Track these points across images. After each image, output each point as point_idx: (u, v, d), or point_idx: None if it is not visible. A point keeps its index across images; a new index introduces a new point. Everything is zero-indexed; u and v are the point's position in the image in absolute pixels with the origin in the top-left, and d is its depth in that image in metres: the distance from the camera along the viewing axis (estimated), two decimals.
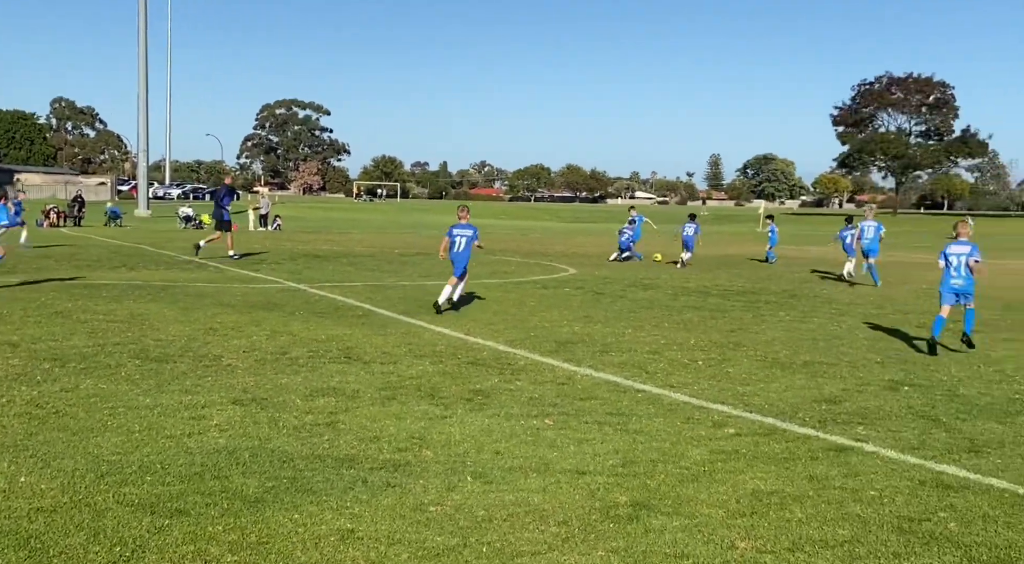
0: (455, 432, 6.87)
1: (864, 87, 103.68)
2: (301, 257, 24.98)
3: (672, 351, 10.73)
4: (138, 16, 58.97)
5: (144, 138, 60.56)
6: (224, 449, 6.22)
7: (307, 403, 7.65)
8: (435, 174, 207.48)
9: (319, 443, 6.48)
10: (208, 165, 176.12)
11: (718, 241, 41.17)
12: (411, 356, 10.03)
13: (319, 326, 12.01)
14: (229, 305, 13.85)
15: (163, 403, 7.43)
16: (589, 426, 7.13)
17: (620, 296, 16.71)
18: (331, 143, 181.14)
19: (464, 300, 15.34)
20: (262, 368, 9.08)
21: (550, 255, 29.00)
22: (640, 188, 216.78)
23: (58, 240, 30.88)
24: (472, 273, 21.17)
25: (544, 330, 12.24)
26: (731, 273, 22.75)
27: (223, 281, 17.71)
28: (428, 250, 29.82)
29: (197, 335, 10.94)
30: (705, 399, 8.17)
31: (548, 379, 8.97)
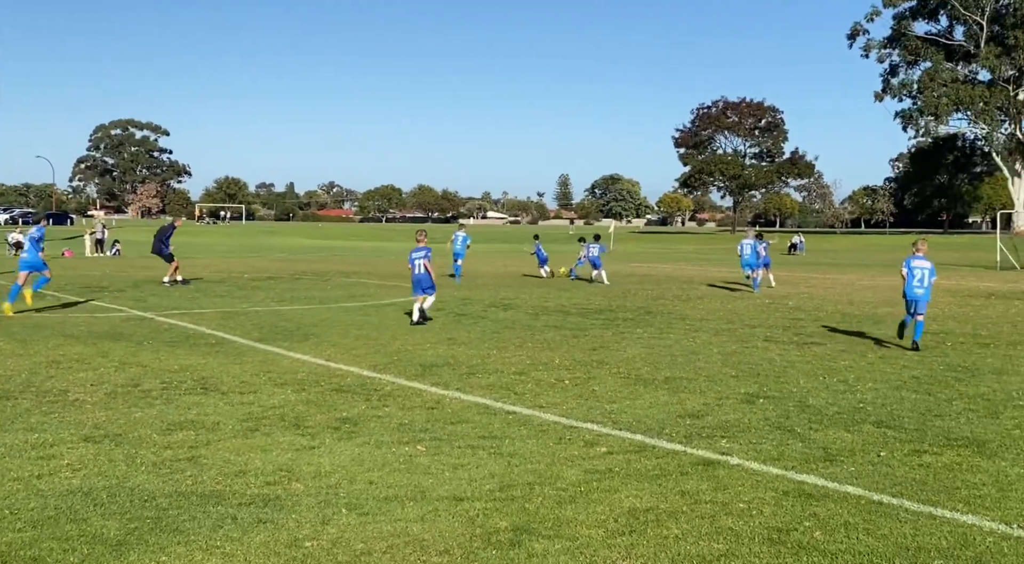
0: (325, 463, 6.69)
1: (702, 110, 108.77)
2: (145, 283, 23.88)
3: (538, 371, 10.83)
4: None
5: None
6: (79, 490, 5.83)
7: (165, 438, 7.29)
8: (281, 195, 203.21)
9: (182, 479, 6.17)
10: (38, 188, 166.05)
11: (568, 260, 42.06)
12: (271, 385, 9.73)
13: (171, 356, 11.48)
14: (72, 336, 13.06)
15: (6, 443, 6.91)
16: (463, 450, 7.09)
17: (481, 317, 16.77)
18: (171, 164, 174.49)
19: (323, 324, 15.04)
20: (113, 402, 8.59)
21: (406, 276, 28.81)
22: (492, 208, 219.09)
23: None
24: (329, 296, 20.84)
25: (408, 353, 12.13)
26: (587, 292, 23.25)
27: (63, 310, 16.67)
28: (279, 274, 29.09)
29: (39, 369, 10.24)
30: (575, 418, 8.28)
31: (416, 404, 8.88)
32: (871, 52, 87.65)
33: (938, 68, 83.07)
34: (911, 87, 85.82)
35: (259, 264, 35.45)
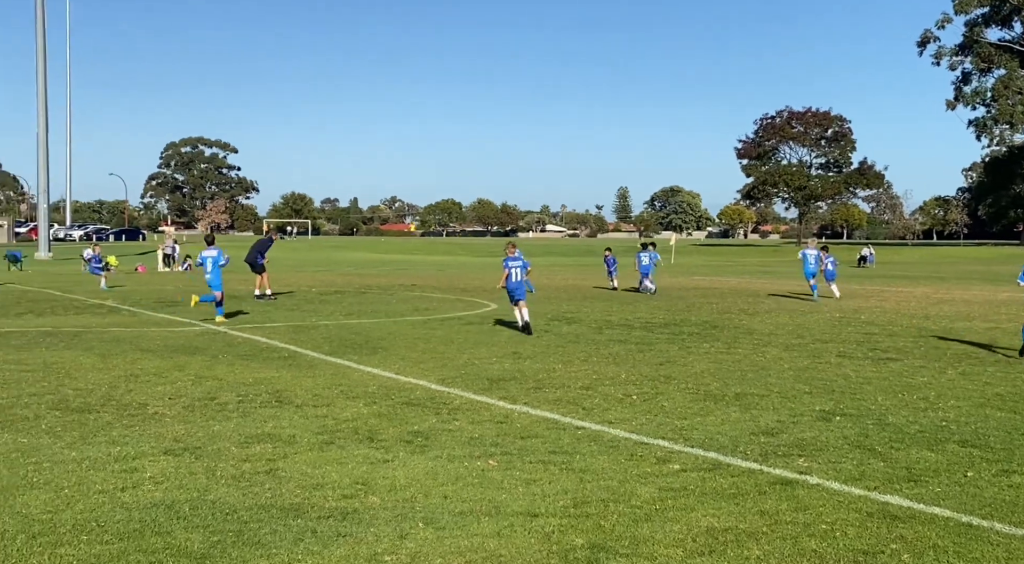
0: (399, 476, 6.74)
1: (766, 121, 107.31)
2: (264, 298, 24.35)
3: (605, 386, 10.77)
4: (36, 53, 57.23)
5: (44, 178, 58.53)
6: (162, 503, 5.95)
7: (243, 450, 7.41)
8: (346, 210, 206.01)
9: (261, 492, 6.27)
10: (111, 205, 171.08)
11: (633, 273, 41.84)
12: (344, 398, 9.84)
13: (245, 369, 11.69)
14: (149, 350, 13.39)
15: (91, 456, 7.09)
16: (534, 466, 7.08)
17: (545, 330, 16.75)
18: (239, 181, 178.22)
19: (390, 338, 15.18)
20: (191, 415, 8.77)
21: (469, 290, 28.96)
22: (550, 221, 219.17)
23: None
24: (394, 310, 21.04)
25: (475, 367, 12.17)
26: (650, 305, 23.08)
27: (139, 325, 17.12)
28: (345, 288, 29.47)
29: (118, 383, 10.52)
30: (645, 435, 8.20)
31: (486, 418, 8.89)
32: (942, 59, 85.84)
33: (1012, 76, 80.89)
34: (984, 95, 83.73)
35: (326, 278, 35.96)
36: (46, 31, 57.52)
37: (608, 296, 26.86)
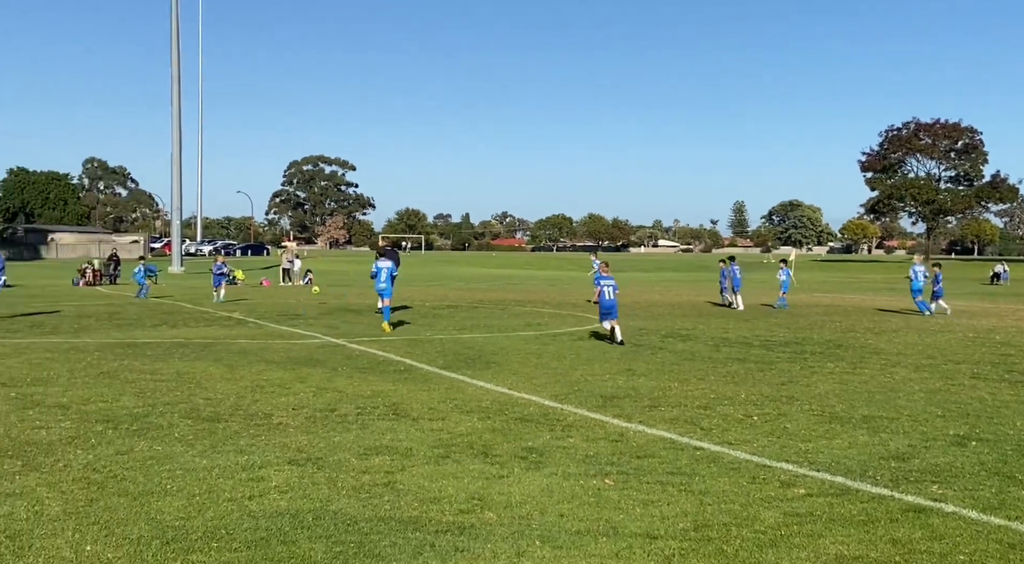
0: (515, 492, 6.72)
1: (892, 133, 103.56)
2: (336, 311, 25.02)
3: (724, 406, 10.53)
4: (171, 79, 60.31)
5: (177, 196, 61.49)
6: (286, 512, 6.11)
7: (363, 462, 7.55)
8: (458, 226, 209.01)
9: (380, 504, 6.36)
10: (238, 221, 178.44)
11: (748, 289, 40.93)
12: (458, 412, 9.92)
13: (363, 382, 11.94)
14: (273, 361, 13.84)
15: (220, 464, 7.35)
16: (652, 486, 6.96)
17: (659, 347, 16.53)
18: (356, 197, 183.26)
19: (503, 353, 15.25)
20: (313, 426, 8.99)
21: (581, 306, 28.85)
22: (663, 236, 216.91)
23: (96, 299, 31.18)
24: (507, 325, 21.14)
25: (588, 384, 12.09)
26: (768, 322, 22.49)
27: (264, 337, 17.73)
28: (458, 303, 29.81)
29: (245, 393, 10.90)
30: (767, 457, 7.96)
31: (600, 436, 8.81)
32: None
33: None
34: None
35: (438, 292, 36.49)
36: (180, 58, 60.59)
37: (724, 313, 26.32)
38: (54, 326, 19.51)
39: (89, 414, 9.37)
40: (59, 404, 9.92)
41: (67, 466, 7.19)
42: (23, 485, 6.60)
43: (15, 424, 8.79)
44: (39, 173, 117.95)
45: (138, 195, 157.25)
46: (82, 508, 6.08)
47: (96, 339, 16.87)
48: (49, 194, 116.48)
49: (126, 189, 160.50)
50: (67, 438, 8.21)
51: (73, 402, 10.06)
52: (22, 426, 8.70)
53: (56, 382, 11.50)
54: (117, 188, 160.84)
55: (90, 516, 5.90)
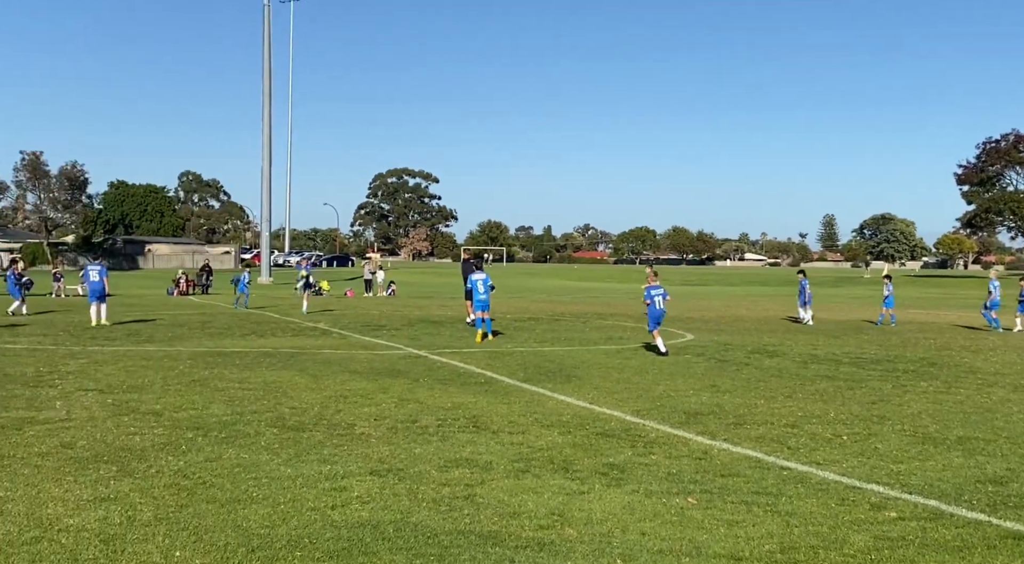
0: (596, 509, 6.65)
1: (990, 145, 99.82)
2: (418, 322, 25.28)
3: (812, 424, 10.25)
4: (263, 94, 62.04)
5: (267, 208, 63.14)
6: (368, 523, 6.16)
7: (443, 474, 7.57)
8: (539, 238, 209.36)
9: (460, 517, 6.36)
10: (324, 233, 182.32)
11: (836, 304, 39.91)
12: (538, 426, 9.88)
13: (444, 394, 12.01)
14: (356, 372, 14.05)
15: (304, 473, 7.46)
16: (736, 506, 6.80)
17: (745, 364, 16.22)
18: (439, 210, 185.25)
19: (584, 367, 15.16)
20: (394, 437, 9.08)
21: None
22: (750, 249, 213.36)
23: (188, 308, 32.17)
24: (588, 338, 21.05)
25: (671, 400, 11.92)
26: (859, 339, 21.87)
27: (347, 348, 18.02)
28: (538, 315, 29.79)
29: (329, 403, 11.08)
30: (857, 478, 7.72)
31: (683, 453, 8.66)
32: None
33: None
34: None
35: (520, 305, 36.55)
36: (272, 75, 62.32)
37: (813, 328, 25.70)
38: (149, 335, 20.20)
39: (180, 421, 9.65)
40: (152, 411, 10.25)
41: (159, 472, 7.40)
42: (117, 490, 6.83)
43: (111, 430, 9.10)
44: (138, 186, 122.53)
45: (230, 207, 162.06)
46: (172, 514, 6.25)
47: (188, 348, 17.40)
48: (147, 206, 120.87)
49: (219, 201, 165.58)
50: (159, 444, 8.46)
51: (166, 409, 10.38)
52: (117, 432, 9.01)
53: (150, 389, 11.89)
54: (210, 200, 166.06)
55: (180, 522, 6.06)
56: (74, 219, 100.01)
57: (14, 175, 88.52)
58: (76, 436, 8.74)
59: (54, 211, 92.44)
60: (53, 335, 19.67)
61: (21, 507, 6.29)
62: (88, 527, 5.87)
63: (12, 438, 8.60)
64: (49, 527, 5.85)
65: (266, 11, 62.19)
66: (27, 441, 8.48)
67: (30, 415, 9.83)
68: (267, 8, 62.31)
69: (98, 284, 23.47)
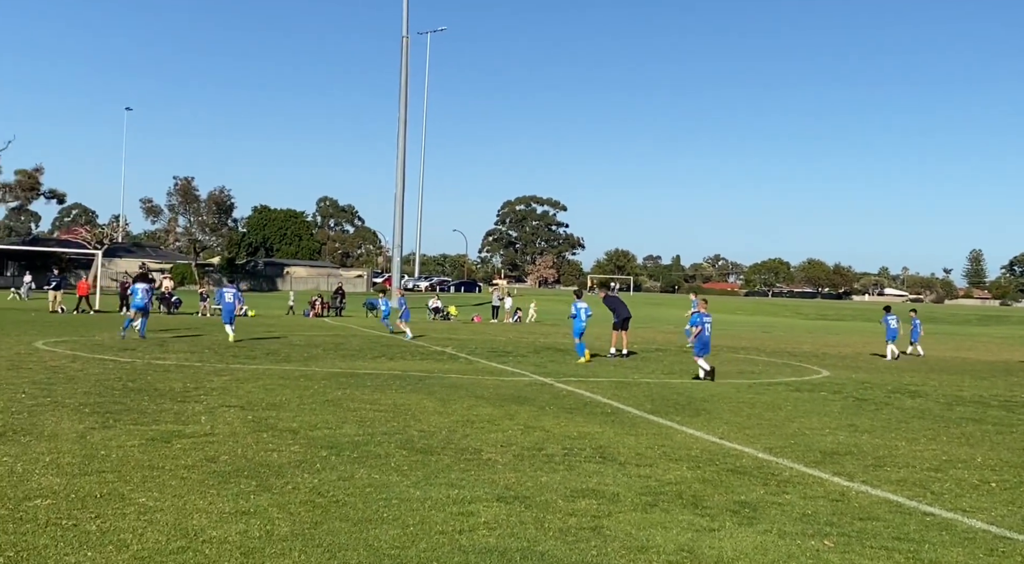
0: (727, 548, 6.47)
1: None
2: (544, 350, 25.37)
3: (957, 469, 9.71)
4: (399, 122, 63.94)
5: (399, 234, 64.81)
6: (495, 549, 6.19)
7: (569, 504, 7.53)
8: (667, 267, 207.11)
9: (587, 549, 6.30)
10: (452, 259, 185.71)
11: (983, 343, 37.83)
12: (666, 459, 9.72)
13: (570, 422, 11.97)
14: (483, 397, 14.19)
15: (432, 496, 7.57)
16: (875, 551, 6.50)
17: (885, 403, 15.54)
18: (567, 237, 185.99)
19: (713, 400, 14.85)
20: (520, 464, 9.10)
21: (798, 355, 27.71)
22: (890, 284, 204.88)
23: (323, 330, 33.28)
24: (719, 371, 20.62)
25: (805, 438, 11.52)
26: (1009, 381, 20.63)
27: (474, 373, 18.24)
28: (666, 346, 29.39)
29: (456, 427, 11.21)
30: (1007, 528, 7.25)
31: (819, 494, 8.34)
32: None
33: None
34: None
35: (647, 335, 36.18)
36: (407, 102, 64.21)
37: (959, 368, 24.41)
38: (286, 355, 20.99)
39: (315, 439, 9.96)
40: (289, 428, 10.62)
41: (295, 488, 7.65)
42: (256, 504, 7.09)
43: (251, 446, 9.48)
44: (279, 211, 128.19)
45: (363, 232, 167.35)
46: (307, 530, 6.44)
47: (323, 368, 17.99)
48: (287, 230, 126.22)
49: (353, 226, 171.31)
50: (296, 461, 8.75)
51: (302, 427, 10.73)
52: (257, 448, 9.37)
53: (287, 407, 12.34)
54: (345, 225, 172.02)
55: (314, 539, 6.24)
56: (220, 242, 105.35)
57: (167, 199, 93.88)
58: (219, 450, 9.15)
59: (202, 234, 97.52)
60: (199, 352, 20.70)
61: (169, 517, 6.61)
62: (230, 539, 6.12)
63: (161, 450, 9.07)
64: (194, 538, 6.12)
65: (404, 43, 64.23)
66: (175, 453, 8.93)
67: (178, 429, 10.35)
68: (405, 40, 64.35)
69: (231, 305, 24.86)
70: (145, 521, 6.46)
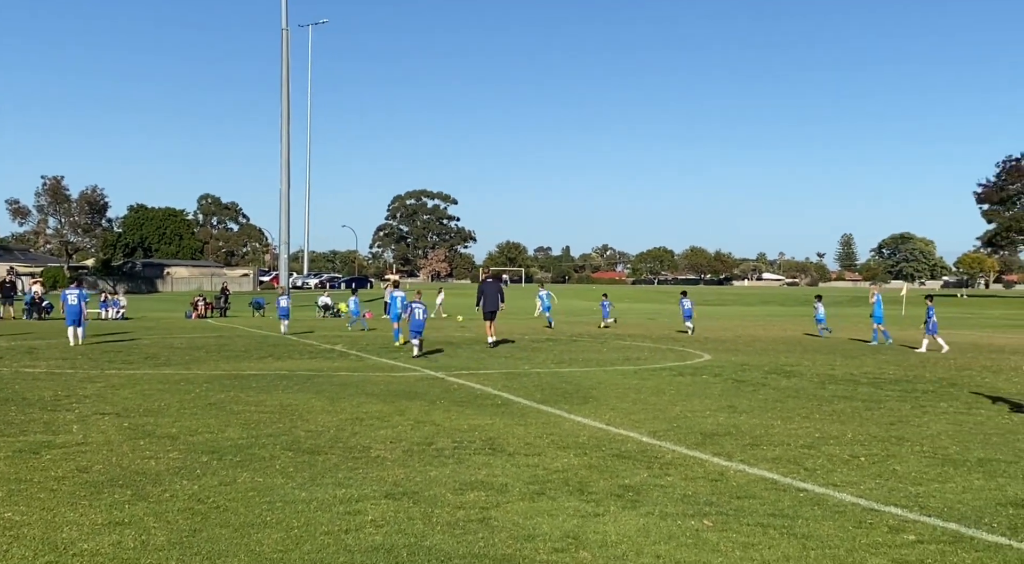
0: (611, 532, 6.61)
1: (1010, 163, 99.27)
2: (436, 344, 25.28)
3: (829, 445, 10.17)
4: (281, 117, 62.55)
5: (285, 231, 63.41)
6: (381, 547, 6.15)
7: (458, 497, 7.55)
8: (558, 258, 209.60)
9: (474, 541, 6.33)
10: (343, 255, 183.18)
11: (851, 323, 39.62)
12: (555, 447, 9.85)
13: (460, 416, 11.99)
14: (373, 394, 14.06)
15: (318, 497, 7.46)
16: (752, 528, 6.74)
17: (762, 384, 16.12)
18: (458, 231, 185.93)
19: (601, 387, 15.12)
20: (410, 460, 9.06)
21: (681, 340, 28.45)
22: (767, 269, 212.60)
23: (206, 330, 32.32)
24: (605, 359, 21.00)
25: (687, 421, 11.86)
26: (877, 359, 21.70)
27: (365, 369, 18.05)
28: (556, 336, 29.75)
29: (345, 425, 11.08)
30: (875, 500, 7.64)
31: (699, 474, 8.61)
32: None
33: None
34: None
35: (537, 325, 36.51)
36: (290, 99, 62.84)
37: (830, 347, 25.53)
38: (167, 358, 20.30)
39: (196, 445, 9.67)
40: (168, 434, 10.28)
41: (173, 496, 7.42)
42: (131, 514, 6.84)
43: (127, 454, 9.14)
44: (157, 209, 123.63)
45: (248, 230, 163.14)
46: (186, 538, 6.25)
47: (206, 371, 17.48)
48: (166, 230, 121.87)
49: (237, 224, 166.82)
50: (174, 468, 8.48)
51: (182, 433, 10.41)
52: (133, 456, 9.04)
53: (166, 413, 11.94)
54: (229, 223, 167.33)
55: (193, 547, 6.06)
56: (94, 243, 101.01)
57: (36, 200, 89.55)
58: (92, 460, 8.79)
59: (74, 235, 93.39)
60: (71, 359, 19.82)
61: (37, 531, 6.32)
62: (102, 551, 5.89)
63: (29, 462, 8.65)
64: (64, 551, 5.86)
65: (284, 35, 62.83)
66: (44, 465, 8.53)
67: (47, 439, 9.89)
68: (285, 32, 62.95)
69: (75, 308, 23.85)
70: (11, 536, 6.16)
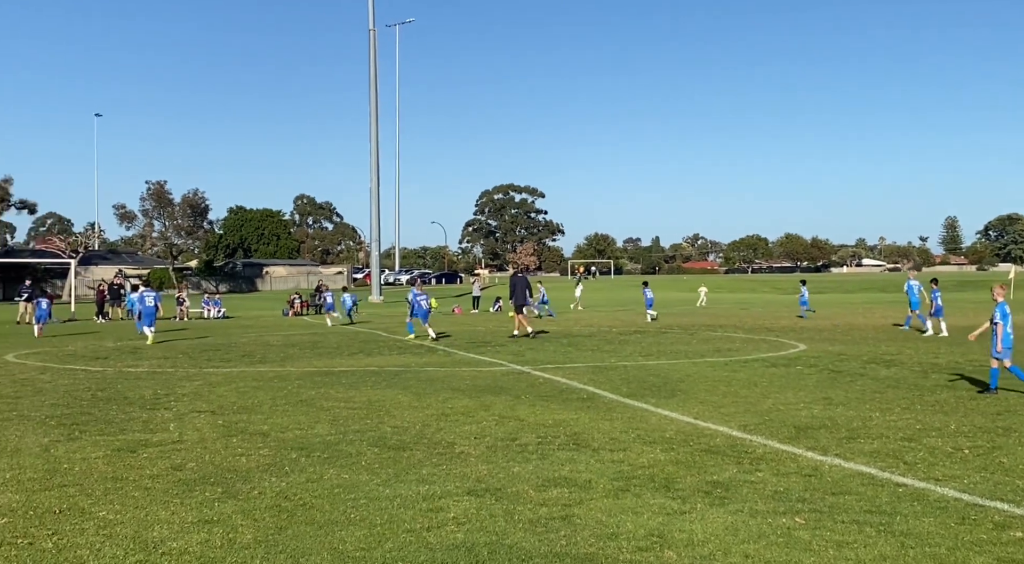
0: (697, 530, 6.43)
1: None
2: (522, 338, 25.26)
3: (931, 438, 9.72)
4: (370, 116, 63.56)
5: (376, 228, 64.51)
6: (463, 544, 6.11)
7: (540, 494, 7.47)
8: (647, 249, 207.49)
9: (556, 539, 6.24)
10: (433, 251, 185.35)
11: (960, 310, 38.05)
12: (640, 443, 9.67)
13: (545, 410, 11.91)
14: (458, 389, 14.10)
15: (402, 494, 7.48)
16: (847, 526, 6.47)
17: (860, 374, 15.57)
18: (546, 224, 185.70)
19: (690, 380, 14.83)
20: (493, 455, 9.03)
21: (775, 330, 27.78)
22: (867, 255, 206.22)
23: (301, 328, 33.06)
24: (695, 350, 20.62)
25: (780, 414, 11.52)
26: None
27: (452, 365, 18.15)
28: (645, 328, 29.40)
29: (430, 421, 11.13)
30: (979, 495, 7.25)
31: (792, 470, 8.32)
32: None
33: None
34: None
35: (626, 317, 36.20)
36: (379, 98, 63.79)
37: (933, 336, 24.53)
38: (263, 355, 20.82)
39: (286, 442, 9.84)
40: (260, 431, 10.50)
41: (261, 493, 7.54)
42: (220, 512, 6.97)
43: (219, 451, 9.35)
44: (255, 211, 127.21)
45: (342, 228, 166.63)
46: (271, 536, 6.33)
47: (298, 368, 17.84)
48: (264, 230, 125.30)
49: (332, 223, 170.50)
50: (264, 465, 8.63)
51: (272, 430, 10.61)
52: (225, 453, 9.25)
53: (259, 410, 12.20)
54: (324, 223, 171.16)
55: (278, 544, 6.13)
56: (197, 244, 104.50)
57: (141, 204, 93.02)
58: (186, 458, 9.02)
59: (178, 237, 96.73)
60: (172, 358, 20.49)
61: (129, 529, 6.49)
62: (190, 550, 6.00)
63: (127, 460, 8.93)
64: (153, 550, 6.00)
65: (371, 35, 63.77)
66: (140, 463, 8.79)
67: (145, 437, 10.21)
68: (372, 33, 63.89)
69: (151, 309, 24.69)
70: (104, 536, 6.33)
